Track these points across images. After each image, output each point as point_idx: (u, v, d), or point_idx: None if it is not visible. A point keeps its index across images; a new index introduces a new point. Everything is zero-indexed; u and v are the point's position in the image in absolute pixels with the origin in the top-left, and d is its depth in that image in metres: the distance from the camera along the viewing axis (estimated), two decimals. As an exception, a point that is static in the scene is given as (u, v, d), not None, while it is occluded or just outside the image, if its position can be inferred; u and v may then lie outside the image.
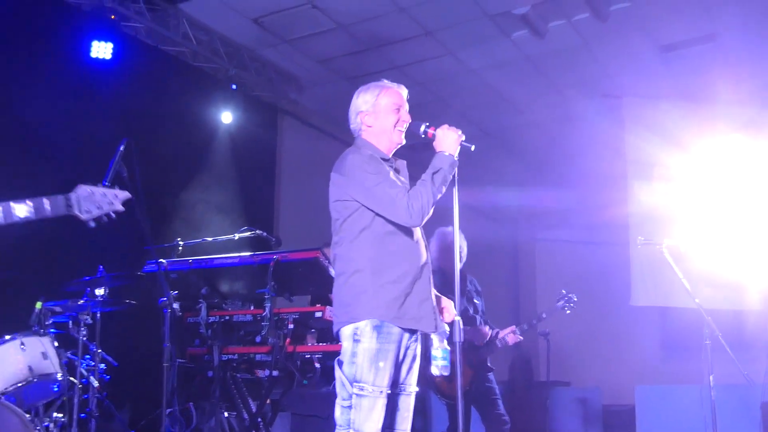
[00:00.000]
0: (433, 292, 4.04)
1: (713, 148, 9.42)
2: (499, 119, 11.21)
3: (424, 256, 3.99)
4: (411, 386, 3.97)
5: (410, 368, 3.95)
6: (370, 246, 3.85)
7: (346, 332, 3.82)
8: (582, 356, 12.72)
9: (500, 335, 6.46)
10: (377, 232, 3.86)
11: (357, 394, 3.71)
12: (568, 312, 6.70)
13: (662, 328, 12.89)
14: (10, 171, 6.91)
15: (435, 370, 3.93)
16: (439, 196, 3.89)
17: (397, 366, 3.87)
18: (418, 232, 3.99)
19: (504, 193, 13.10)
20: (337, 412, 3.78)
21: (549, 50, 9.25)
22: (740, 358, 6.32)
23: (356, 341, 3.76)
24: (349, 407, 3.73)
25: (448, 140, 3.96)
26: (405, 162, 4.16)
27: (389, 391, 3.79)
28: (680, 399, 8.12)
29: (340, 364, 3.81)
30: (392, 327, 3.78)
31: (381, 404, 3.74)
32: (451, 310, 4.16)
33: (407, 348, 3.91)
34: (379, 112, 4.06)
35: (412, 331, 3.91)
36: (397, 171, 4.06)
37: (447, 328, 4.02)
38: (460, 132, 3.99)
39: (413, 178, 4.01)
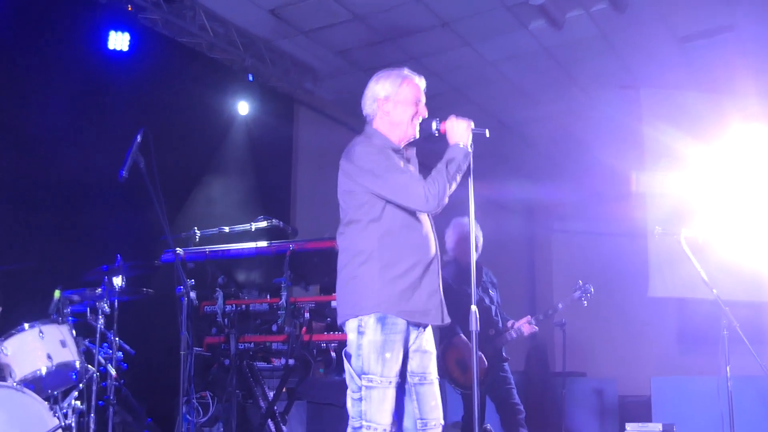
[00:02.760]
0: (441, 284, 3.99)
1: (732, 139, 9.36)
2: (516, 111, 11.17)
3: (433, 249, 3.96)
4: (431, 374, 3.93)
5: (425, 357, 3.93)
6: (379, 238, 3.82)
7: (351, 325, 3.81)
8: (598, 347, 12.70)
9: (515, 326, 6.46)
10: (386, 224, 3.83)
11: (366, 386, 3.72)
12: (585, 303, 6.67)
13: (679, 319, 12.86)
14: (29, 162, 6.97)
15: None
16: (455, 186, 3.86)
17: (406, 356, 3.85)
18: (428, 225, 3.97)
19: (520, 185, 13.07)
20: (349, 404, 3.80)
21: (566, 41, 9.21)
22: (758, 350, 6.29)
23: (361, 333, 3.76)
24: (360, 399, 3.74)
25: (459, 130, 3.92)
26: (414, 149, 4.12)
27: (398, 380, 3.79)
28: (697, 390, 8.10)
29: (348, 356, 3.82)
30: (397, 319, 3.76)
31: (391, 395, 3.74)
32: None
33: (417, 338, 3.90)
34: (398, 102, 3.99)
35: (419, 324, 3.89)
36: (407, 160, 4.03)
37: None
38: (470, 121, 3.96)
39: (428, 168, 3.99)
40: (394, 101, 4.00)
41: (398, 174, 3.81)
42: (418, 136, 4.04)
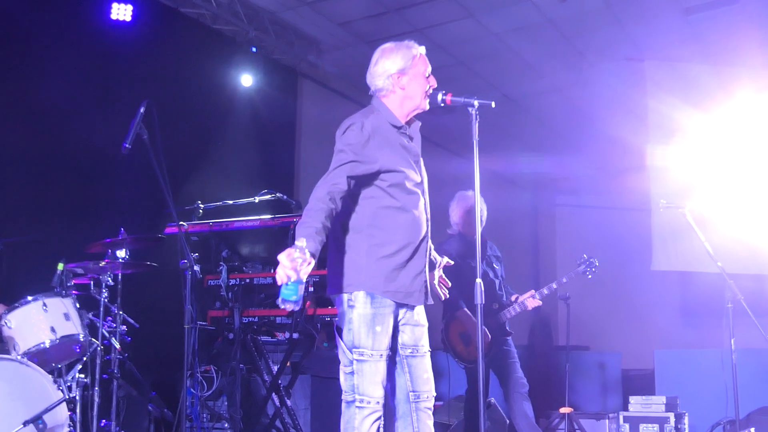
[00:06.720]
0: (427, 264, 3.97)
1: (736, 112, 9.30)
2: (520, 84, 11.11)
3: (424, 229, 3.94)
4: (423, 347, 3.95)
5: (416, 330, 3.94)
6: (370, 216, 3.82)
7: (340, 299, 3.82)
8: (602, 321, 12.69)
9: (519, 300, 6.45)
10: (379, 203, 3.82)
11: (357, 360, 3.72)
12: (590, 277, 6.67)
13: (683, 292, 12.85)
14: (32, 134, 6.94)
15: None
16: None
17: (396, 330, 3.86)
18: (421, 206, 3.94)
19: (524, 158, 13.04)
20: (342, 378, 3.79)
21: (571, 13, 9.13)
22: (762, 323, 6.29)
23: (351, 307, 3.76)
24: (351, 373, 3.74)
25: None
26: (419, 123, 4.08)
27: (390, 353, 3.80)
28: (700, 363, 8.12)
29: (340, 331, 3.81)
30: (384, 298, 3.77)
31: (382, 368, 3.76)
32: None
33: (406, 313, 3.90)
34: (414, 76, 3.96)
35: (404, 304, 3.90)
36: (410, 138, 4.00)
37: None
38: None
39: (432, 142, 3.95)
40: (409, 75, 3.96)
41: (335, 171, 3.72)
42: (428, 108, 4.01)
